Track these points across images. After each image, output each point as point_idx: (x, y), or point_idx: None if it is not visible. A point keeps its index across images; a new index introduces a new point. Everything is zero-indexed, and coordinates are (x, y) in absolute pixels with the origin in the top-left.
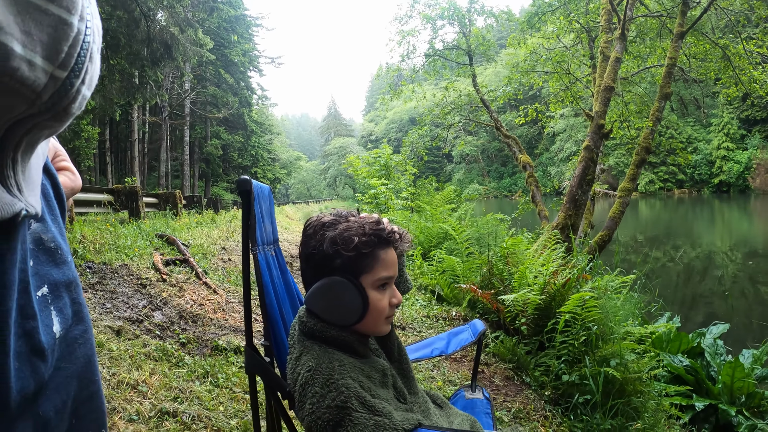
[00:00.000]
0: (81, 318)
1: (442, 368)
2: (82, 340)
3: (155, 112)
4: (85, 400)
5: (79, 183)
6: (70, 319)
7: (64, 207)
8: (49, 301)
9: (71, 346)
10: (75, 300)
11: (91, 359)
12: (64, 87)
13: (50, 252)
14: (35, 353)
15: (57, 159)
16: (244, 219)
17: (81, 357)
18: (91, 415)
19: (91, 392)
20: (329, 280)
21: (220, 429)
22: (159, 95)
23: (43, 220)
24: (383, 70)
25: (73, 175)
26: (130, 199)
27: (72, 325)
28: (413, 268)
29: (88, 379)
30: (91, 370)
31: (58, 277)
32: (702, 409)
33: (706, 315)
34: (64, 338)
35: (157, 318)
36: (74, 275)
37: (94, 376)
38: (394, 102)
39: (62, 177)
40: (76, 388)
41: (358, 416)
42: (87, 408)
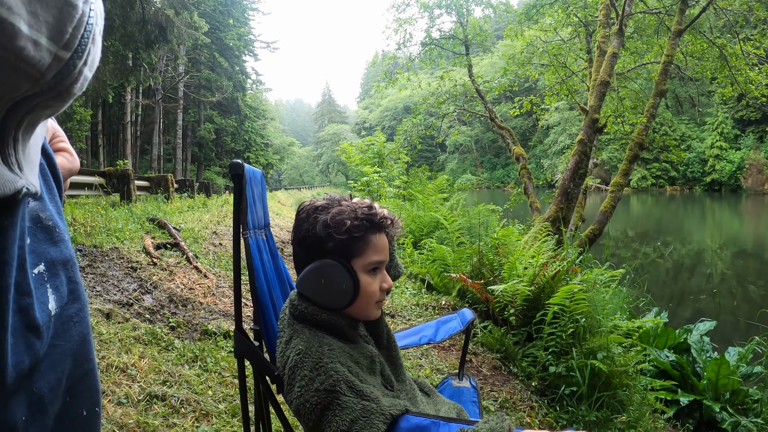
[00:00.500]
0: (77, 296)
1: (430, 356)
2: (78, 318)
3: (148, 95)
4: (79, 378)
5: (77, 164)
6: (65, 297)
7: (61, 187)
8: (45, 278)
9: (66, 324)
10: (71, 278)
11: (86, 338)
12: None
13: (48, 230)
14: (30, 329)
15: (55, 140)
16: (236, 202)
17: (76, 335)
18: (86, 394)
19: (86, 371)
20: (321, 263)
21: (209, 413)
22: (153, 78)
23: (41, 199)
24: (379, 57)
25: (71, 156)
26: (121, 182)
27: (68, 304)
28: (404, 257)
29: (83, 358)
30: (87, 349)
31: (55, 255)
32: (686, 405)
33: (693, 312)
34: (59, 316)
35: (147, 301)
36: (71, 254)
37: (89, 355)
38: (388, 90)
39: (60, 158)
40: (70, 366)
41: (346, 400)
42: (82, 386)
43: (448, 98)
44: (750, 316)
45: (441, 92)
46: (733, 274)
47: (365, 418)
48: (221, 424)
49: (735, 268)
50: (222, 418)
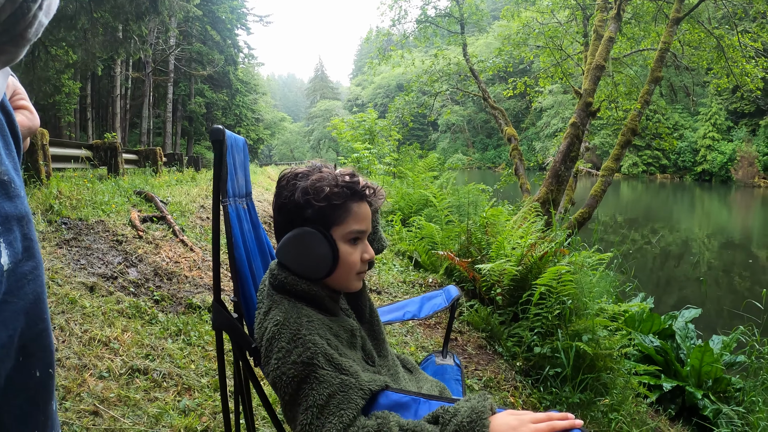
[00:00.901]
0: (32, 254)
1: (415, 334)
2: (32, 276)
3: (138, 68)
4: (33, 337)
5: (36, 122)
6: (20, 254)
7: (20, 144)
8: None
9: (20, 281)
10: (26, 235)
11: (40, 296)
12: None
13: (3, 185)
14: None
15: (15, 97)
16: (216, 169)
17: (30, 293)
18: (39, 354)
19: (40, 330)
20: (299, 231)
21: (191, 387)
22: (143, 50)
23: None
24: (373, 34)
25: (31, 115)
26: (109, 155)
27: (22, 261)
28: (392, 234)
29: (37, 317)
30: (41, 308)
31: (10, 210)
32: (669, 390)
33: (678, 299)
34: (12, 272)
35: (132, 275)
36: (26, 210)
37: (43, 314)
38: (382, 67)
39: (20, 115)
40: (23, 324)
41: (324, 374)
42: (35, 346)
43: (441, 77)
44: (734, 306)
45: (434, 70)
46: (719, 264)
47: (343, 393)
48: (203, 398)
49: (721, 258)
50: (204, 392)
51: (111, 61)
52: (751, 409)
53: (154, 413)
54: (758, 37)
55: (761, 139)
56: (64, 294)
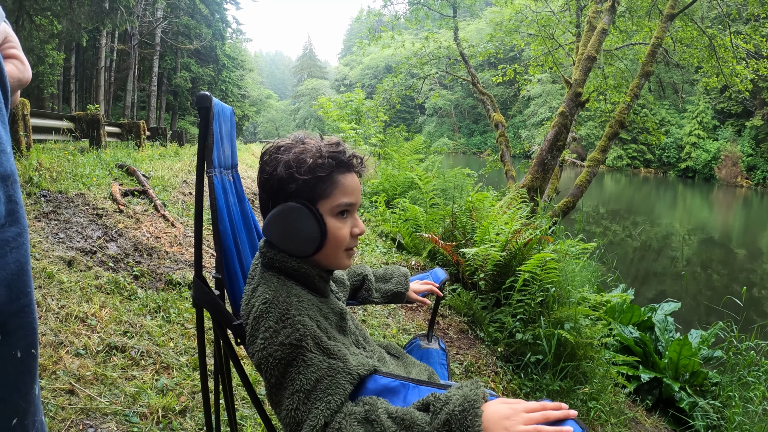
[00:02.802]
0: (16, 219)
1: (397, 316)
2: (15, 243)
3: (124, 40)
4: (14, 312)
5: (28, 74)
6: (2, 218)
7: (8, 95)
8: None
9: (2, 249)
10: (10, 197)
11: (23, 267)
12: None
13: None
14: None
15: (5, 45)
16: (201, 138)
17: (12, 263)
18: (21, 332)
19: (22, 306)
20: (283, 207)
21: (170, 365)
22: (129, 22)
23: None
24: (364, 13)
25: (23, 65)
26: (91, 128)
27: (4, 226)
28: (376, 215)
29: (18, 291)
30: (23, 281)
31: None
32: (647, 381)
33: (657, 292)
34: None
35: (112, 249)
36: (12, 168)
37: (27, 288)
38: (371, 47)
39: (9, 65)
40: (3, 298)
41: (312, 357)
42: (15, 323)
43: (431, 60)
44: (711, 301)
45: (424, 53)
46: (698, 260)
47: (331, 377)
48: (182, 377)
49: (701, 254)
50: (183, 371)
51: (96, 33)
52: (727, 403)
53: (132, 392)
54: (750, 38)
55: (746, 139)
56: (41, 268)
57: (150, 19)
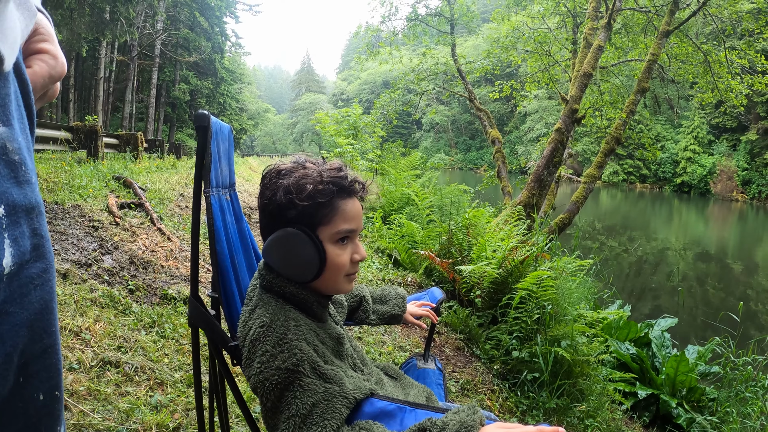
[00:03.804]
0: (42, 254)
1: (393, 333)
2: (40, 281)
3: (124, 51)
4: (37, 355)
5: (60, 69)
6: (27, 254)
7: (33, 120)
8: (3, 226)
9: (25, 287)
10: (36, 231)
11: (48, 305)
12: None
13: (13, 166)
14: None
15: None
16: (199, 157)
17: (36, 302)
18: (44, 374)
19: (45, 346)
20: (282, 232)
21: (164, 381)
22: (129, 33)
23: (10, 126)
24: (362, 29)
25: (54, 59)
26: (89, 138)
27: (29, 262)
28: (372, 231)
29: (42, 330)
30: (48, 320)
31: (19, 199)
32: (644, 398)
33: (653, 308)
34: (16, 275)
35: (107, 262)
36: (38, 200)
37: (51, 327)
38: (369, 63)
39: (37, 63)
40: (26, 339)
41: (308, 382)
42: (38, 365)
43: (428, 76)
44: (708, 317)
45: (422, 69)
46: (694, 275)
47: (327, 401)
48: (176, 394)
49: (697, 269)
50: (177, 387)
51: (96, 43)
52: (725, 419)
53: (125, 408)
54: (745, 54)
55: (741, 154)
56: None
57: (150, 31)
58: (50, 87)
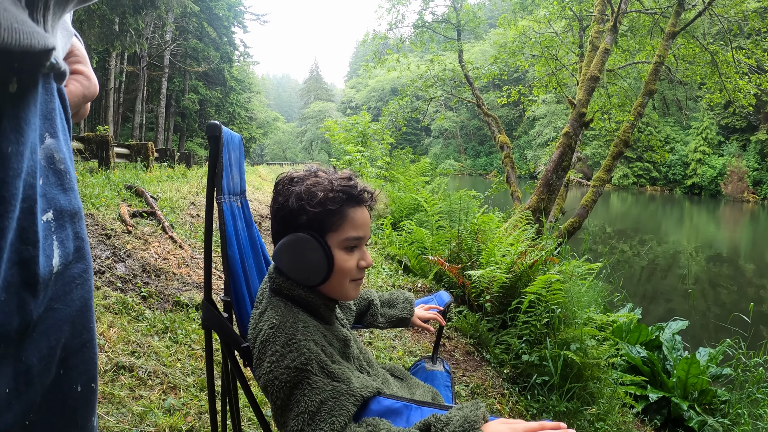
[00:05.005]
0: (82, 255)
1: (403, 338)
2: (81, 280)
3: (133, 62)
4: (76, 349)
5: (93, 90)
6: (70, 255)
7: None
8: (51, 229)
9: (68, 285)
10: (77, 234)
11: (87, 303)
12: None
13: (59, 174)
14: (26, 286)
15: (70, 58)
16: (211, 166)
17: (77, 299)
18: (82, 367)
19: (84, 341)
20: (293, 237)
21: (177, 386)
22: (139, 44)
23: (57, 138)
24: (369, 37)
25: (87, 80)
26: (100, 149)
27: (72, 262)
28: (382, 237)
29: (82, 326)
30: (87, 317)
31: (65, 205)
32: (655, 401)
33: (665, 310)
34: (61, 275)
35: (120, 270)
36: (79, 206)
37: (89, 324)
38: (377, 70)
39: (72, 83)
40: (67, 334)
41: (317, 380)
42: (78, 359)
43: (436, 82)
44: (720, 318)
45: (429, 76)
46: (706, 277)
47: (335, 399)
48: (189, 398)
49: (708, 271)
50: (190, 391)
51: (106, 54)
52: (737, 421)
53: (139, 411)
54: (752, 53)
55: (751, 154)
56: None
57: (159, 42)
58: (83, 106)
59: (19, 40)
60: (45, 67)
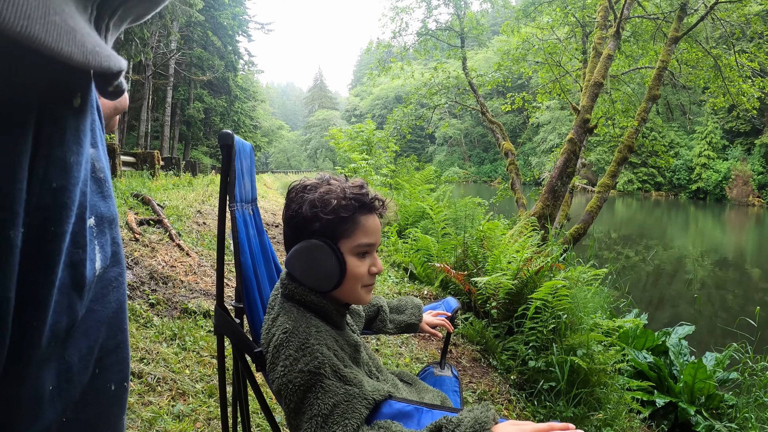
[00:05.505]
0: (118, 260)
1: (410, 345)
2: (117, 283)
3: (139, 71)
4: (111, 348)
5: (124, 102)
6: (108, 259)
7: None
8: (93, 234)
9: (106, 288)
10: (114, 239)
11: (122, 306)
12: None
13: (99, 182)
14: (75, 288)
15: None
16: (224, 174)
17: (113, 301)
18: (116, 366)
19: (119, 342)
20: (306, 243)
21: (185, 392)
22: (144, 53)
23: (97, 148)
24: (373, 45)
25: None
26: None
27: (110, 266)
28: (388, 245)
29: (117, 327)
30: (121, 318)
31: (104, 211)
32: (662, 406)
33: (672, 315)
34: (100, 278)
35: (128, 277)
36: (116, 213)
37: (123, 325)
38: (381, 78)
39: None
40: (104, 334)
41: (330, 384)
42: (112, 358)
43: (440, 90)
44: (727, 323)
45: (433, 83)
46: (712, 282)
47: (347, 402)
48: (197, 404)
49: (714, 276)
50: (198, 397)
51: None
52: (744, 425)
53: (148, 417)
54: (755, 57)
55: (756, 158)
56: None
57: (164, 51)
58: (113, 118)
59: (101, 62)
60: (112, 86)
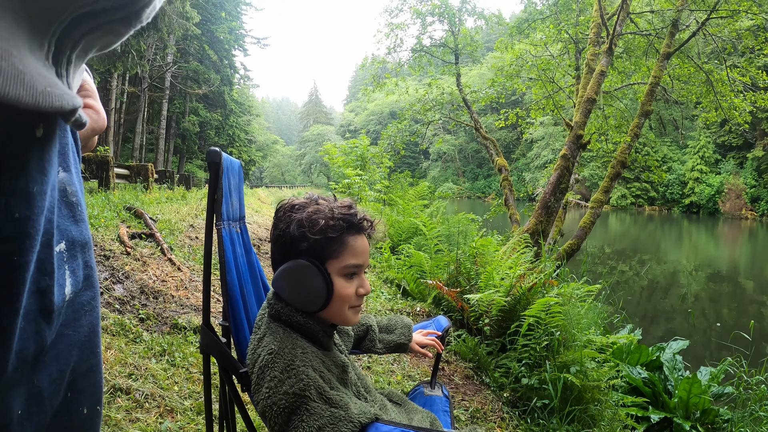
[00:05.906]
0: (91, 283)
1: (402, 362)
2: (89, 307)
3: (134, 83)
4: (84, 372)
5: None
6: (80, 283)
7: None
8: (64, 259)
9: (78, 312)
10: (87, 263)
11: (95, 329)
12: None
13: (71, 207)
14: (43, 314)
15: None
16: (211, 192)
17: (86, 325)
18: (89, 390)
19: (91, 365)
20: (294, 263)
21: (174, 409)
22: (140, 65)
23: (69, 171)
24: (368, 61)
25: (97, 114)
26: (100, 169)
27: (81, 290)
28: (381, 261)
29: (89, 351)
30: (94, 341)
31: (76, 235)
32: (657, 422)
33: (666, 330)
34: (72, 302)
35: (118, 291)
36: (89, 236)
37: (96, 348)
38: (376, 94)
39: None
40: (76, 358)
41: (315, 406)
42: (85, 382)
43: (434, 106)
44: (720, 337)
45: (428, 99)
46: (706, 296)
47: (333, 425)
48: (185, 421)
49: (708, 290)
50: (187, 415)
51: (107, 75)
52: None
53: None
54: (746, 71)
55: (748, 171)
56: None
57: (160, 64)
58: (91, 139)
59: (52, 102)
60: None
